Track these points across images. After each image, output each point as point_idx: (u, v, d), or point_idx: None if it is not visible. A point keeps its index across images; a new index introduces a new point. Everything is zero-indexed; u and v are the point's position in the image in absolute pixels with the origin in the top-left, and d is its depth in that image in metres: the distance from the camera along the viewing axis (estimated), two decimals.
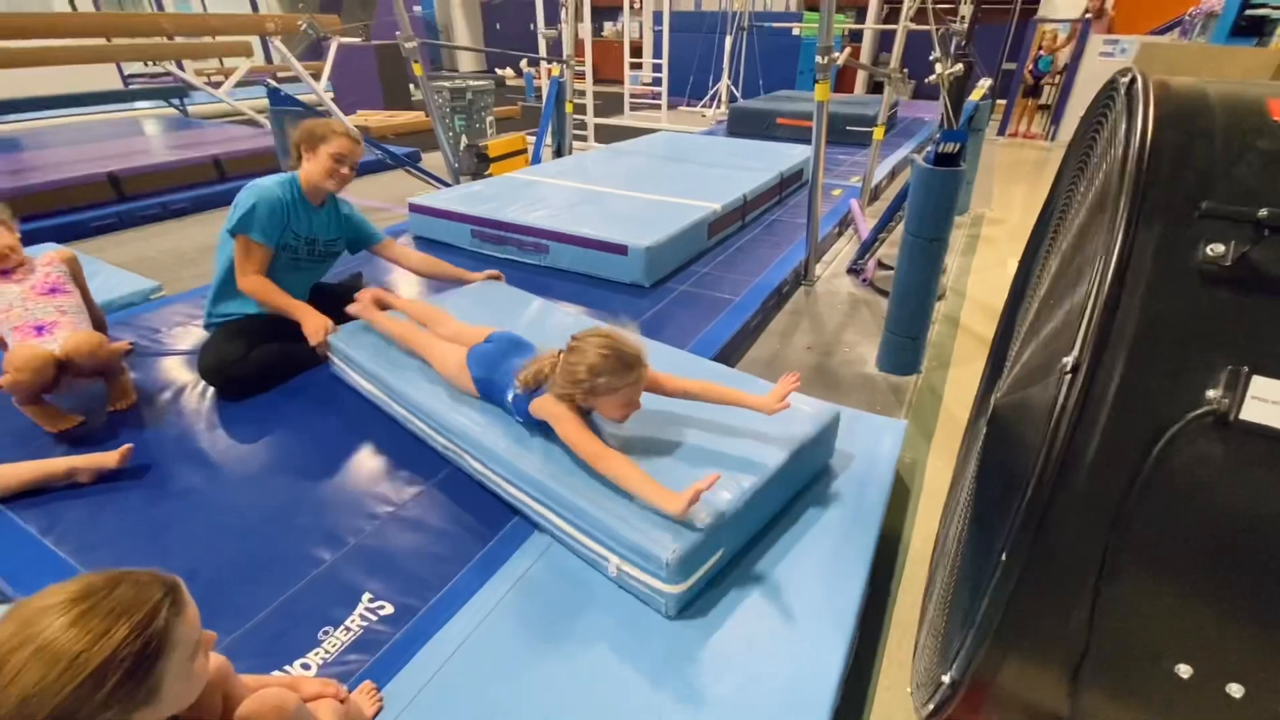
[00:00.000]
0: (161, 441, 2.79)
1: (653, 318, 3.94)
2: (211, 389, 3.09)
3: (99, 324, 3.13)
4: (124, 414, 2.95)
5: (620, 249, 4.37)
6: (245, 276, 3.08)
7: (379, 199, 7.26)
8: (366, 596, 2.10)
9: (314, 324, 3.10)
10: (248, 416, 2.95)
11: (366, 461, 2.69)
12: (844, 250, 5.81)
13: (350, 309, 3.14)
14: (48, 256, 3.05)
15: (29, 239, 4.91)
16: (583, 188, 5.62)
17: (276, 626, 2.04)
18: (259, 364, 3.07)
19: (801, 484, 2.51)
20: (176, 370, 3.27)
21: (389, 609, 2.07)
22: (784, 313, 4.60)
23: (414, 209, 5.27)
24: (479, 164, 7.15)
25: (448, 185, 6.74)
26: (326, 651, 1.96)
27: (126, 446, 2.59)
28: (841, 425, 2.72)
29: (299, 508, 2.45)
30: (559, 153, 7.39)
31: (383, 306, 3.19)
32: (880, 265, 5.20)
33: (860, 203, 6.38)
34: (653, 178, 5.90)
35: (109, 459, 2.57)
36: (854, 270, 5.25)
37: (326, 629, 2.02)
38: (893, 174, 7.79)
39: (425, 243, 5.18)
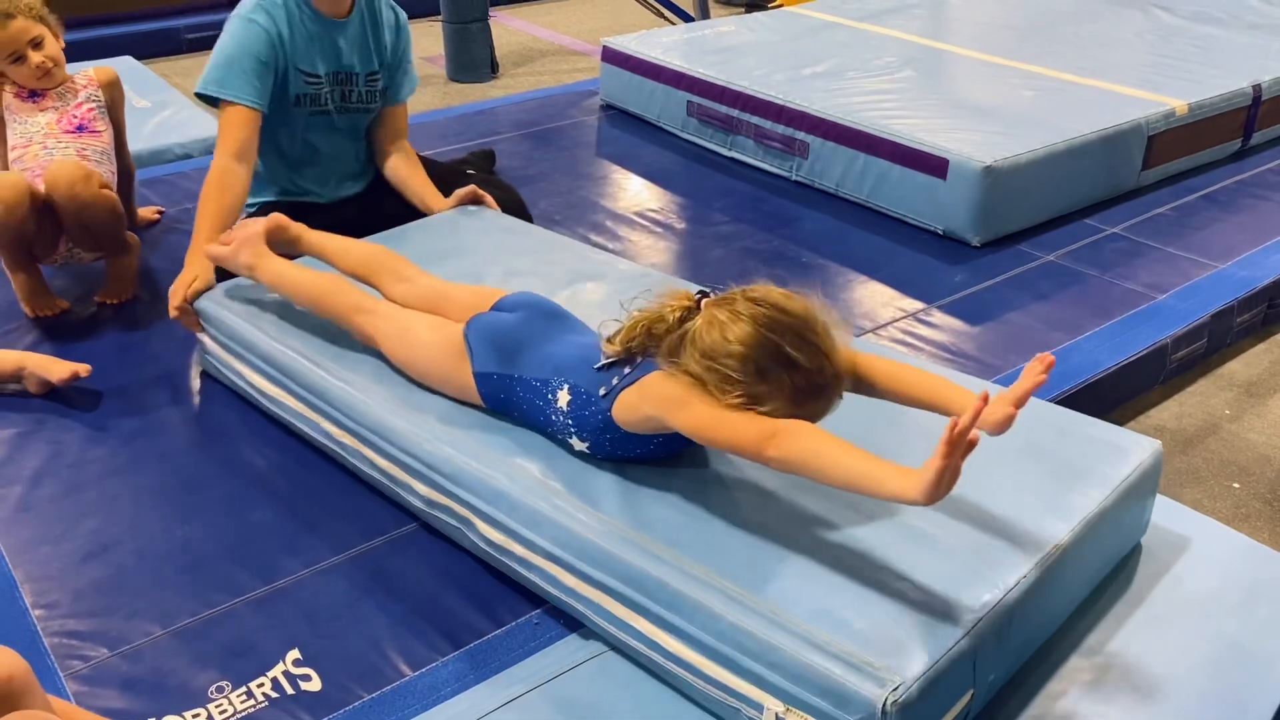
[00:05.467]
0: (133, 363, 2.15)
1: (964, 304, 2.41)
2: None
3: (125, 177, 2.52)
4: (114, 310, 2.35)
5: (935, 165, 2.62)
6: (216, 156, 2.12)
7: (571, 32, 4.96)
8: (292, 656, 1.46)
9: (186, 273, 1.99)
10: None
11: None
12: None
13: (214, 252, 1.95)
14: (86, 76, 2.45)
15: (90, 49, 3.92)
16: (927, 45, 3.53)
17: (154, 657, 1.45)
18: None
19: (1095, 580, 1.50)
20: None
21: (315, 683, 1.41)
22: (1270, 344, 2.60)
23: (609, 56, 3.51)
24: None
25: (688, 19, 4.60)
26: (212, 717, 1.35)
27: (79, 368, 2.00)
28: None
29: (252, 506, 1.76)
30: None
31: (287, 251, 1.94)
32: None
33: None
34: (1072, 36, 3.69)
35: (56, 370, 2.00)
36: None
37: (221, 684, 1.41)
38: None
39: (621, 119, 3.50)
